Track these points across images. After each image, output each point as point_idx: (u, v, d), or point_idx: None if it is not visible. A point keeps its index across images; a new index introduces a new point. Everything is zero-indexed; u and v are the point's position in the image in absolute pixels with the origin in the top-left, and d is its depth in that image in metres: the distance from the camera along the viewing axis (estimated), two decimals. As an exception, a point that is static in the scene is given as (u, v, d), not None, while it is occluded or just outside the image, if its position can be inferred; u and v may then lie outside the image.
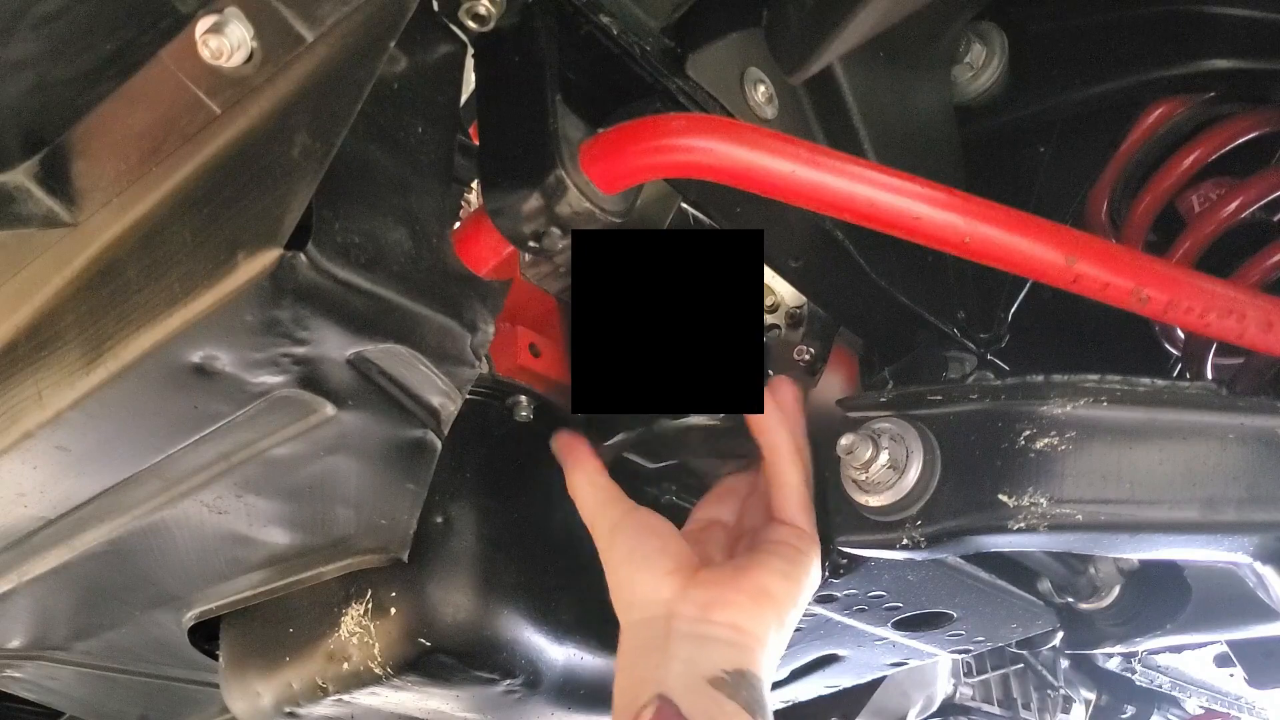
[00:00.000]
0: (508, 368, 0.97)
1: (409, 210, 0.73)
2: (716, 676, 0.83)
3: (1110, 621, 1.17)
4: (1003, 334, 1.06)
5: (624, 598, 0.91)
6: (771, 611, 0.88)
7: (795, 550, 0.90)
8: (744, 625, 0.86)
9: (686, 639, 0.85)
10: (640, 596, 0.89)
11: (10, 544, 0.93)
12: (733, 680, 0.83)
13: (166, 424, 0.77)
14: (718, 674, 0.83)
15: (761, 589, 0.87)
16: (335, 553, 0.92)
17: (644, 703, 0.82)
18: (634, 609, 0.90)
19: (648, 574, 0.90)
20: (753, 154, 0.72)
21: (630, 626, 0.90)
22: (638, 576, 0.90)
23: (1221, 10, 0.94)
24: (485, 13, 0.72)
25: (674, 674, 0.83)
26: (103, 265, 0.71)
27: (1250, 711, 2.72)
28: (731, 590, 0.87)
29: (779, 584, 0.88)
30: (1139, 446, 0.84)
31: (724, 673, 0.83)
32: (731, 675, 0.83)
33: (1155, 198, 1.06)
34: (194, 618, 1.05)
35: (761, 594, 0.87)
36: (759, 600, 0.87)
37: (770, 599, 0.88)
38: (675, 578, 0.89)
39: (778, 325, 1.12)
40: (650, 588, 0.89)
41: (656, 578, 0.89)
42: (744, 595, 0.87)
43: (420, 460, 0.84)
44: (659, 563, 0.90)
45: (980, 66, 1.03)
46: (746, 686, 0.83)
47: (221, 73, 0.65)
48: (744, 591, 0.87)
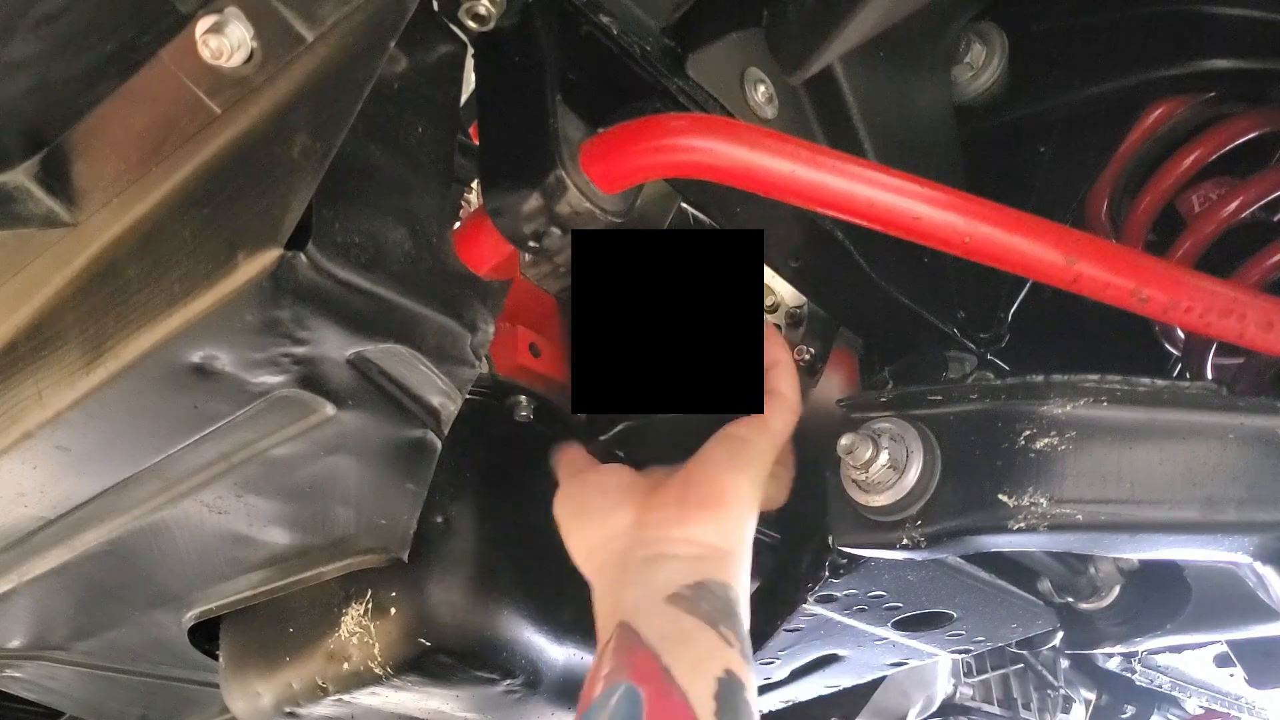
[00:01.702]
0: (508, 368, 0.97)
1: (409, 210, 0.73)
2: (674, 593, 0.80)
3: (1110, 621, 1.17)
4: (1003, 334, 1.06)
5: (581, 554, 0.90)
6: (725, 513, 0.85)
7: (742, 441, 0.89)
8: (699, 537, 0.84)
9: (642, 564, 0.84)
10: (593, 544, 0.88)
11: (10, 544, 0.93)
12: (692, 593, 0.80)
13: (166, 424, 0.77)
14: (675, 589, 0.80)
15: (714, 495, 0.85)
16: (335, 553, 0.92)
17: (608, 636, 0.81)
18: (593, 558, 0.88)
19: (593, 519, 0.88)
20: (753, 154, 0.72)
21: (595, 575, 0.88)
22: (585, 526, 0.89)
23: (1221, 10, 0.94)
24: (485, 13, 0.72)
25: (629, 599, 0.81)
26: (103, 265, 0.72)
27: (1250, 711, 2.71)
28: (682, 505, 0.85)
29: (728, 480, 0.86)
30: (1139, 446, 0.84)
31: (682, 587, 0.80)
32: (690, 589, 0.80)
33: (1155, 198, 1.06)
34: (194, 618, 1.05)
35: (713, 500, 0.85)
36: (711, 507, 0.85)
37: (722, 501, 0.85)
38: (625, 510, 0.87)
39: (778, 325, 1.12)
40: (600, 528, 0.88)
41: (604, 517, 0.88)
42: (693, 507, 0.85)
43: (420, 460, 0.84)
44: (601, 503, 0.89)
45: (980, 66, 1.03)
46: (708, 597, 0.80)
47: (221, 73, 0.65)
48: (693, 503, 0.85)
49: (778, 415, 0.91)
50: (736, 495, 0.87)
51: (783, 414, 0.92)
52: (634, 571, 0.84)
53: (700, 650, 0.77)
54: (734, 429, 0.90)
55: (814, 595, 1.05)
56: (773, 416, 0.91)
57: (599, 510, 0.89)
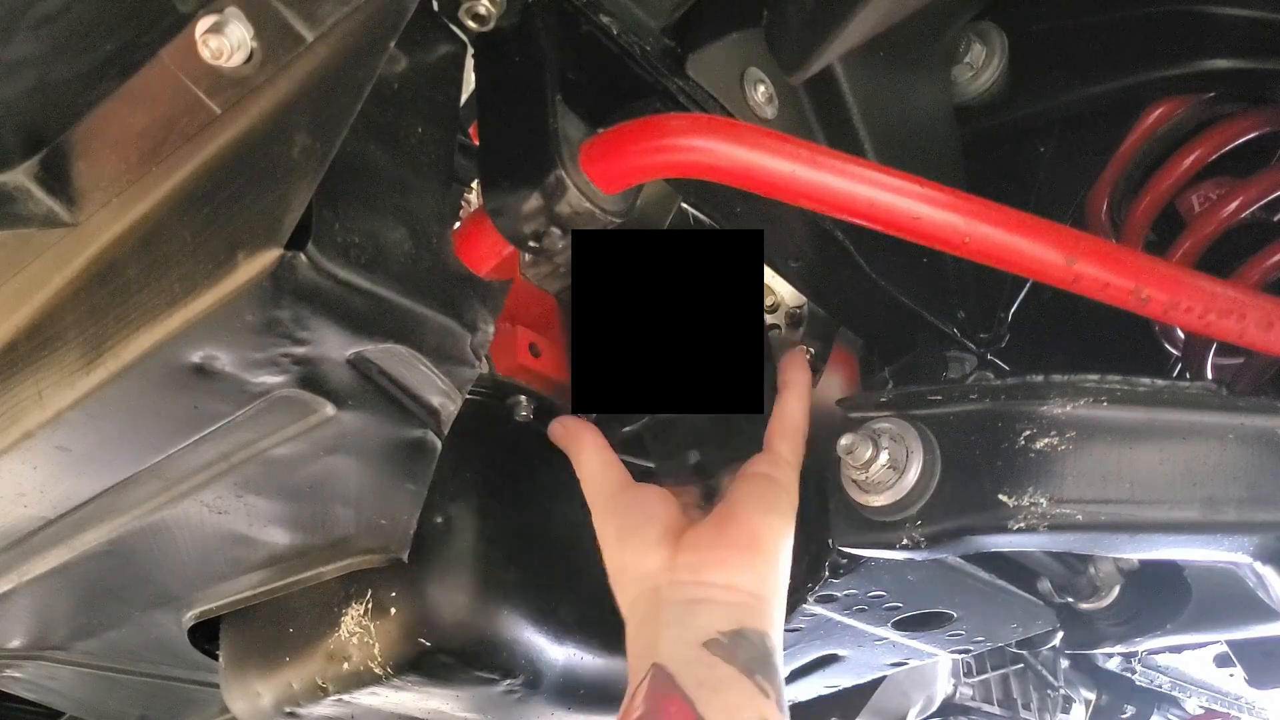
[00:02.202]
0: (508, 368, 0.97)
1: (409, 210, 0.73)
2: (711, 639, 0.80)
3: (1110, 621, 1.17)
4: (1003, 334, 1.06)
5: (620, 582, 0.89)
6: (763, 560, 0.85)
7: (769, 480, 0.88)
8: (739, 583, 0.83)
9: (677, 605, 0.83)
10: (631, 575, 0.87)
11: (10, 544, 0.93)
12: (729, 641, 0.80)
13: (166, 424, 0.77)
14: (712, 635, 0.80)
15: (749, 538, 0.85)
16: (335, 553, 0.92)
17: (641, 676, 0.80)
18: (628, 589, 0.88)
19: (634, 551, 0.87)
20: (753, 154, 0.72)
21: (628, 608, 0.88)
22: (627, 556, 0.88)
23: (1221, 10, 0.94)
24: (485, 13, 0.72)
25: (666, 640, 0.81)
26: (103, 265, 0.72)
27: (1250, 711, 2.71)
28: (719, 547, 0.85)
29: (763, 524, 0.86)
30: (1139, 446, 0.84)
31: (719, 634, 0.80)
32: (728, 636, 0.80)
33: (1155, 198, 1.06)
34: (194, 618, 1.05)
35: (750, 544, 0.85)
36: (749, 552, 0.84)
37: (759, 546, 0.85)
38: (663, 547, 0.86)
39: (778, 325, 1.12)
40: (639, 563, 0.87)
41: (643, 552, 0.87)
42: (732, 550, 0.84)
43: (420, 460, 0.84)
44: (645, 534, 0.87)
45: (980, 66, 1.03)
46: (746, 645, 0.80)
47: (221, 73, 0.65)
48: (731, 546, 0.84)
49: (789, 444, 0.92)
50: (773, 538, 0.86)
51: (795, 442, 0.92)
52: (670, 612, 0.83)
53: (735, 700, 0.77)
54: (759, 468, 0.90)
55: (814, 595, 1.06)
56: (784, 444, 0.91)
57: (641, 542, 0.87)
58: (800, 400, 0.93)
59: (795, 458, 0.91)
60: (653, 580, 0.86)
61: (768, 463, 0.90)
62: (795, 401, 0.93)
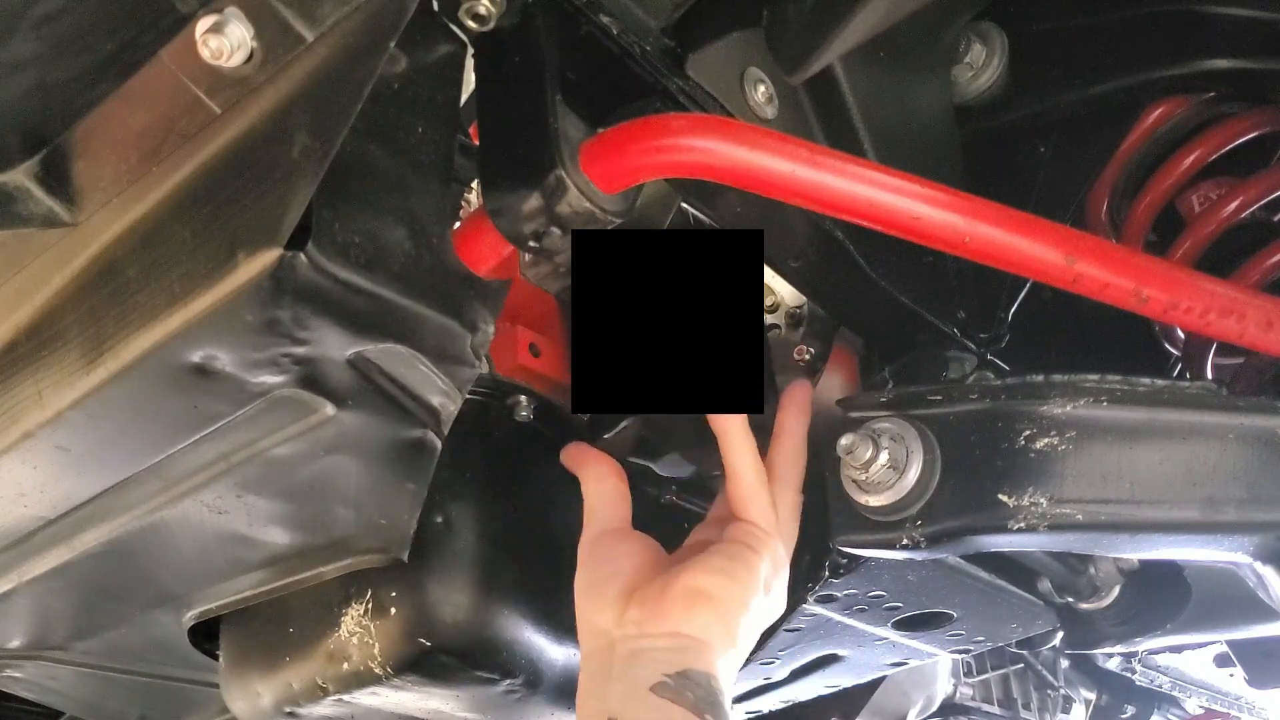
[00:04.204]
0: (508, 368, 0.97)
1: (409, 210, 0.73)
2: (657, 683, 0.80)
3: (1110, 621, 1.17)
4: (1003, 334, 1.06)
5: (580, 633, 0.89)
6: (708, 610, 0.84)
7: (742, 547, 0.88)
8: (682, 630, 0.84)
9: (625, 659, 0.84)
10: (588, 629, 0.88)
11: (10, 544, 0.93)
12: (676, 683, 0.80)
13: (166, 424, 0.77)
14: (658, 679, 0.80)
15: (693, 590, 0.85)
16: (335, 553, 0.92)
17: None
18: (585, 642, 0.89)
19: (594, 604, 0.88)
20: (753, 154, 0.72)
21: (584, 661, 0.88)
22: (586, 607, 0.89)
23: (1221, 10, 0.94)
24: (485, 13, 0.72)
25: (616, 696, 0.82)
26: (103, 265, 0.72)
27: (1250, 711, 2.71)
28: (663, 600, 0.85)
29: (715, 582, 0.85)
30: (1139, 446, 0.84)
31: (665, 676, 0.80)
32: (674, 678, 0.80)
33: (1155, 198, 1.06)
34: (194, 618, 1.05)
35: (694, 595, 0.85)
36: (691, 602, 0.84)
37: (704, 598, 0.85)
38: (617, 605, 0.86)
39: (778, 325, 1.12)
40: (595, 618, 0.88)
41: (599, 609, 0.87)
42: (674, 602, 0.84)
43: (420, 460, 0.84)
44: (605, 590, 0.88)
45: (980, 66, 1.03)
46: (693, 685, 0.80)
47: (221, 73, 0.65)
48: (673, 598, 0.84)
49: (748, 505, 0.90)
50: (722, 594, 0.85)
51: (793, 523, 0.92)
52: (618, 668, 0.84)
53: None
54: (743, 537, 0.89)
55: (814, 595, 1.05)
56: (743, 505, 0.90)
57: (599, 598, 0.88)
58: (744, 454, 0.91)
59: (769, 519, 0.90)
60: (605, 637, 0.86)
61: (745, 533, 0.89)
62: (740, 459, 0.91)
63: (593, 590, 0.89)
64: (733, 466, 0.91)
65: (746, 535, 0.89)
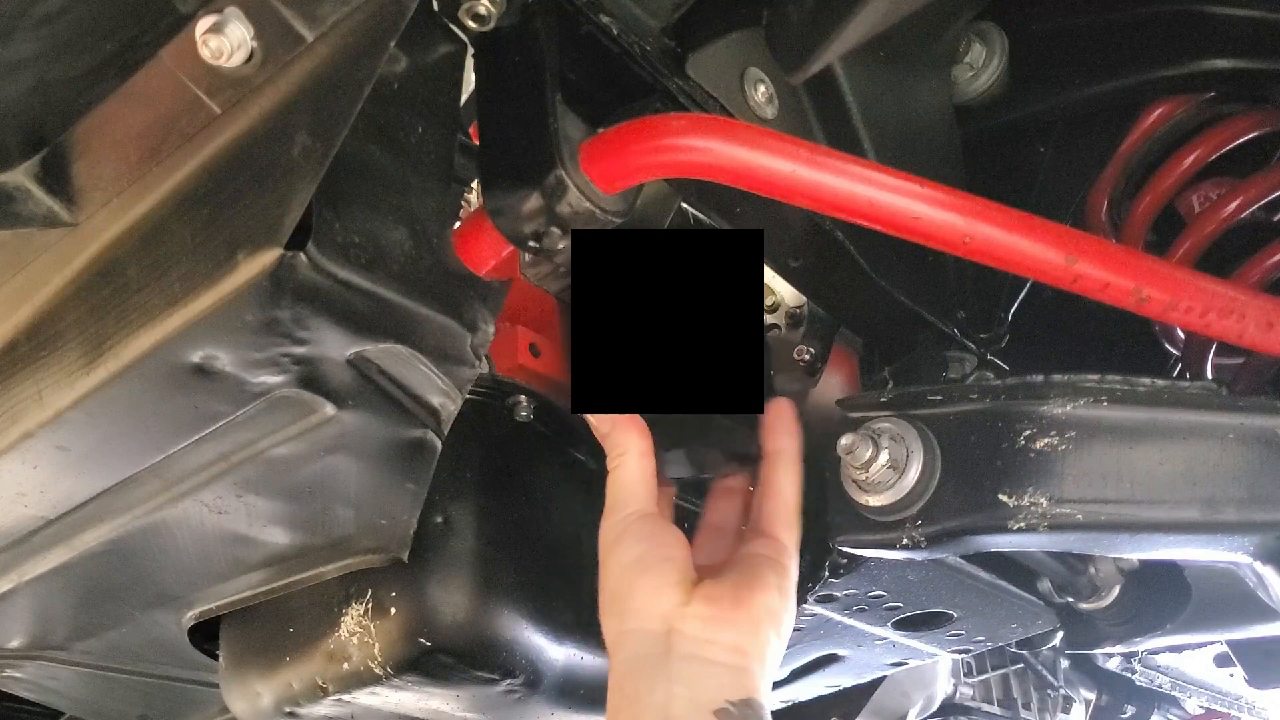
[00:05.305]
0: (508, 368, 0.97)
1: (409, 210, 0.73)
2: (721, 708, 0.81)
3: (1110, 621, 1.17)
4: (1003, 334, 1.06)
5: (619, 603, 0.88)
6: (773, 633, 0.87)
7: (783, 566, 0.90)
8: (746, 647, 0.85)
9: (688, 661, 0.84)
10: (637, 605, 0.87)
11: (10, 544, 0.93)
12: (739, 712, 0.82)
13: (166, 424, 0.77)
14: (722, 705, 0.81)
15: (766, 609, 0.87)
16: (335, 553, 0.92)
17: None
18: (629, 617, 0.87)
19: (649, 583, 0.87)
20: (753, 154, 0.72)
21: (626, 635, 0.87)
22: (638, 583, 0.87)
23: (1221, 10, 0.94)
24: (485, 13, 0.72)
25: (679, 701, 0.82)
26: (103, 265, 0.71)
27: (1250, 711, 2.72)
28: (735, 609, 0.86)
29: (782, 606, 0.88)
30: (1139, 446, 0.84)
31: (728, 703, 0.82)
32: (737, 706, 0.82)
33: (1155, 198, 1.06)
34: (194, 618, 1.05)
35: (766, 614, 0.87)
36: (760, 621, 0.86)
37: (773, 620, 0.87)
38: (677, 591, 0.86)
39: (778, 325, 1.12)
40: (649, 597, 0.87)
41: (657, 588, 0.87)
42: (746, 613, 0.86)
43: (420, 460, 0.84)
44: (663, 572, 0.87)
45: (980, 66, 1.03)
46: (753, 716, 0.82)
47: (221, 73, 0.65)
48: (747, 610, 0.86)
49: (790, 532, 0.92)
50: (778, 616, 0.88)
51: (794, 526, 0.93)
52: (679, 667, 0.84)
53: None
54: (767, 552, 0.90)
55: (814, 595, 1.06)
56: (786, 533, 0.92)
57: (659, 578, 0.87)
58: (792, 475, 0.93)
59: (795, 542, 0.93)
60: (663, 622, 0.85)
61: (779, 549, 0.91)
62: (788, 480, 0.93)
63: (652, 568, 0.88)
64: (777, 485, 0.92)
65: (784, 555, 0.91)
